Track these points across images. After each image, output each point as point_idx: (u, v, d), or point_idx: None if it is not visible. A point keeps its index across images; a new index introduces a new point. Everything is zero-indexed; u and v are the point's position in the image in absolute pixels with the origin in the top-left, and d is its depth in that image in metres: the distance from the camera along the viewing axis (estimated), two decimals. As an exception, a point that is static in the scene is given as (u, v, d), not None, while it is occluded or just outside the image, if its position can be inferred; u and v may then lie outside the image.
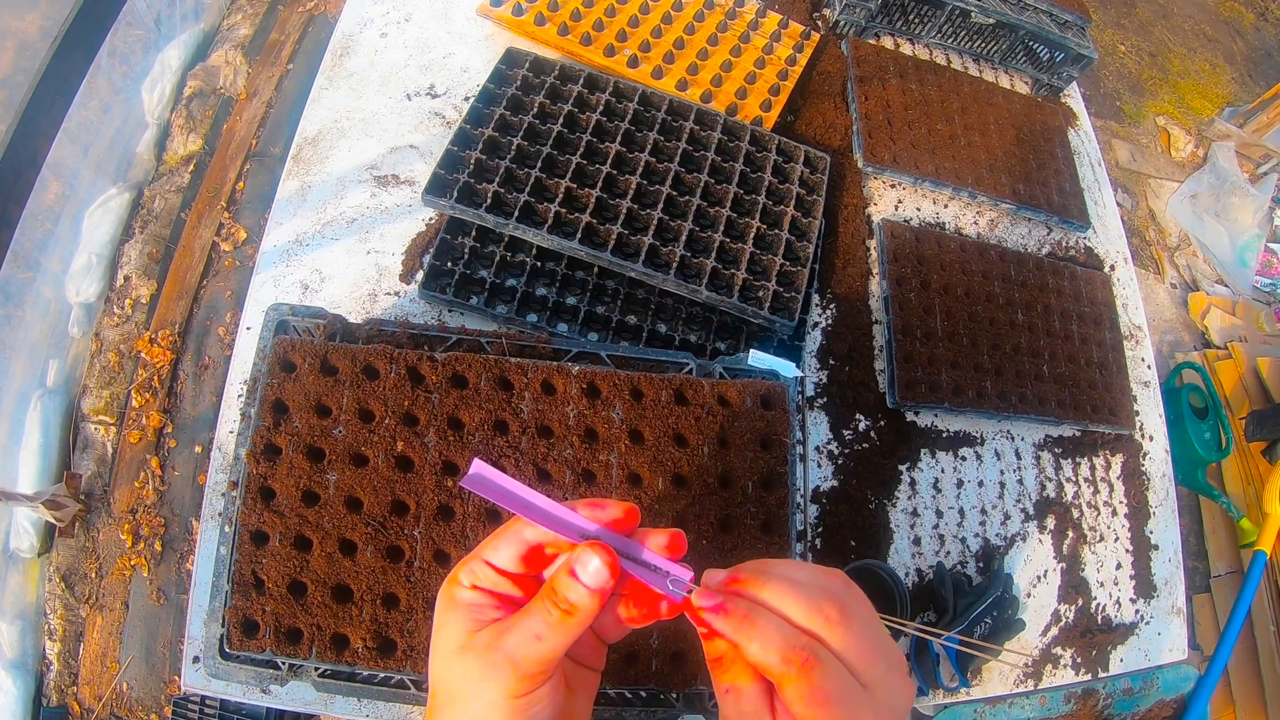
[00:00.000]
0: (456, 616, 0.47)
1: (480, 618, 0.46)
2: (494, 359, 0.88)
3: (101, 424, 2.01)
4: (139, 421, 2.01)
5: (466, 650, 0.45)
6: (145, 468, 1.98)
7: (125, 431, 2.00)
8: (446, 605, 0.47)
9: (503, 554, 0.48)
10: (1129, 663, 1.33)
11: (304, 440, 0.82)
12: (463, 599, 0.47)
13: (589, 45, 1.35)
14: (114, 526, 1.94)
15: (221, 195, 2.23)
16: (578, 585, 0.45)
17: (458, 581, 0.48)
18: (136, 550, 1.91)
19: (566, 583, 0.45)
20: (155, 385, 2.03)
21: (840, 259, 1.33)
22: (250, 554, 0.79)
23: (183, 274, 2.15)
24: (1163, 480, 1.48)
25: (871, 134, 1.41)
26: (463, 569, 0.48)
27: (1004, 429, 1.35)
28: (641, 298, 1.16)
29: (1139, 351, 1.58)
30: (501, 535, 0.48)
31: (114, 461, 1.99)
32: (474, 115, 1.20)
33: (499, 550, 0.48)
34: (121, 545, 1.92)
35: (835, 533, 1.17)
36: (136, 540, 1.92)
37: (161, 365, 2.05)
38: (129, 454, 1.99)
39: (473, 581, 0.48)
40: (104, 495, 1.96)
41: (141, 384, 2.03)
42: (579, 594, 0.45)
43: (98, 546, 1.93)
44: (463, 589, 0.47)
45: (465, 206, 1.11)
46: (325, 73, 1.35)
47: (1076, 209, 1.57)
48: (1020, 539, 1.29)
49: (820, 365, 1.26)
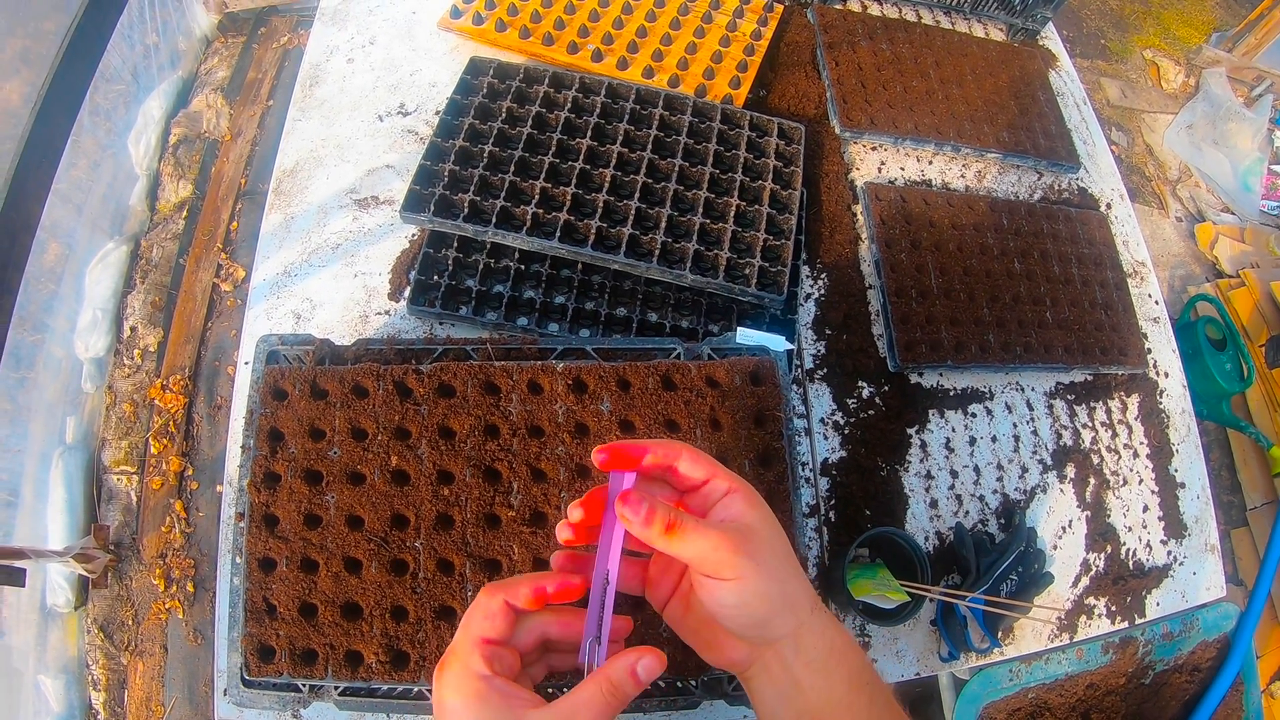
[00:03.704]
0: (482, 704, 0.49)
1: (501, 702, 0.50)
2: (479, 365, 0.88)
3: (124, 474, 2.03)
4: (159, 468, 2.02)
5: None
6: (170, 512, 2.00)
7: (147, 479, 2.02)
8: (469, 695, 0.50)
9: (494, 626, 0.52)
10: (1166, 606, 1.31)
11: (301, 465, 0.83)
12: (484, 689, 0.50)
13: (551, 45, 1.35)
14: (145, 573, 1.95)
15: (217, 237, 2.25)
16: (636, 682, 0.52)
17: (473, 670, 0.50)
18: (170, 594, 1.93)
19: (628, 681, 0.51)
20: (172, 430, 2.05)
21: (826, 228, 1.32)
22: (260, 581, 0.80)
23: (187, 318, 2.17)
24: (1183, 416, 1.46)
25: (846, 99, 1.39)
26: (474, 656, 0.51)
27: (1012, 381, 1.33)
28: (629, 289, 1.15)
29: (1145, 288, 1.56)
30: (482, 613, 0.53)
31: (139, 509, 2.00)
32: (444, 128, 1.20)
33: (489, 623, 0.52)
34: (155, 590, 1.94)
35: (848, 504, 1.15)
36: (169, 584, 1.93)
37: (175, 410, 2.07)
38: (153, 500, 2.01)
39: (490, 665, 0.51)
40: (133, 543, 1.98)
41: (158, 431, 2.05)
42: (632, 685, 0.52)
43: (132, 594, 1.95)
44: (484, 679, 0.50)
45: (443, 219, 1.11)
46: (297, 104, 1.36)
47: (1065, 150, 1.55)
48: (1040, 491, 1.28)
49: (817, 336, 1.25)
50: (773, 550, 0.55)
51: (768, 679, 0.56)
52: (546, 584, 0.55)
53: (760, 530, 0.55)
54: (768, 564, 0.54)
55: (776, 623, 0.55)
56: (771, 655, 0.56)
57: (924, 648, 1.15)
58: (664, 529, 0.52)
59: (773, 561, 0.54)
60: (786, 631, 0.55)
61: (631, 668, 0.51)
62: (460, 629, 0.53)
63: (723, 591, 0.53)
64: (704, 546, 0.52)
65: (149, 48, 2.39)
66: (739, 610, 0.54)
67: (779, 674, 0.56)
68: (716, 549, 0.52)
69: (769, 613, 0.54)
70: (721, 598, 0.53)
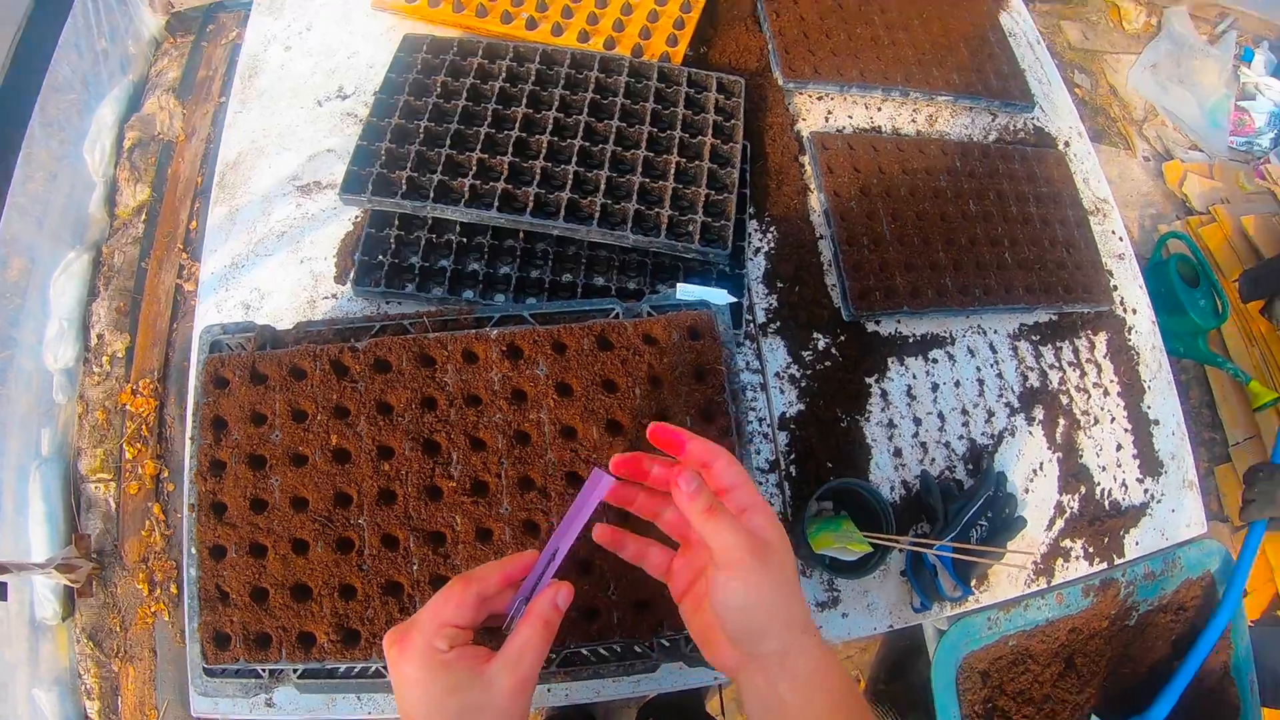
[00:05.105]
0: (447, 672, 0.55)
1: (464, 666, 0.56)
2: (413, 338, 0.87)
3: (101, 482, 2.02)
4: (135, 472, 2.02)
5: (463, 688, 0.55)
6: (149, 516, 1.99)
7: (124, 485, 2.01)
8: (435, 667, 0.55)
9: (464, 615, 0.58)
10: (1145, 545, 1.31)
11: (244, 451, 0.84)
12: (448, 658, 0.56)
13: (485, 16, 1.33)
14: (129, 578, 1.95)
15: (177, 238, 2.23)
16: (558, 611, 0.60)
17: (436, 648, 0.56)
18: (154, 597, 1.93)
19: (552, 612, 0.60)
20: (145, 434, 2.04)
21: (773, 180, 1.30)
22: (211, 569, 0.82)
23: (152, 321, 2.16)
24: (1153, 352, 1.44)
25: (788, 50, 1.37)
26: (438, 637, 0.56)
27: (973, 324, 1.31)
28: (573, 254, 1.13)
29: (1108, 225, 1.54)
30: (456, 602, 0.58)
31: (119, 515, 2.00)
32: (379, 107, 1.19)
33: (460, 612, 0.57)
34: (139, 595, 1.94)
35: (808, 458, 1.14)
36: (153, 588, 1.94)
37: (147, 414, 2.06)
38: (131, 506, 2.00)
39: (451, 644, 0.56)
40: (115, 550, 1.98)
41: (132, 436, 2.04)
42: (556, 615, 0.60)
43: (118, 600, 1.95)
44: (446, 654, 0.56)
45: (382, 197, 1.10)
46: (237, 97, 1.34)
47: (1018, 90, 1.53)
48: (1009, 434, 1.26)
49: (769, 290, 1.23)
50: (782, 567, 0.60)
51: (754, 691, 0.60)
52: (511, 571, 0.61)
53: (776, 547, 0.60)
54: (776, 577, 0.59)
55: (770, 636, 0.59)
56: (758, 669, 0.59)
57: (896, 600, 1.14)
58: (705, 509, 0.58)
59: (780, 577, 0.59)
60: (776, 648, 0.59)
61: (552, 600, 0.60)
62: (429, 609, 0.57)
63: (730, 592, 0.58)
64: (732, 540, 0.58)
65: (98, 54, 2.35)
66: (742, 614, 0.58)
67: (764, 688, 0.59)
68: (739, 546, 0.57)
69: (766, 623, 0.59)
70: (729, 599, 0.58)
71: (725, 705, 2.01)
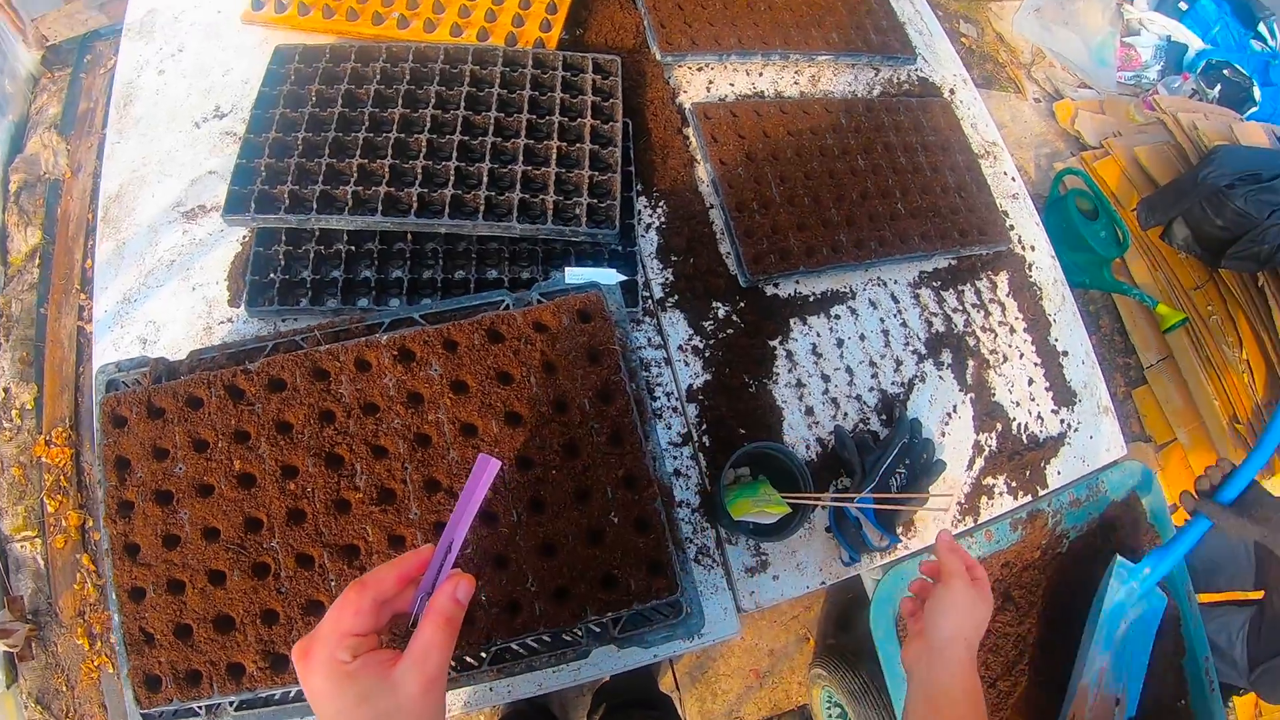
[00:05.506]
0: (353, 682, 0.55)
1: (370, 673, 0.56)
2: (305, 353, 0.86)
3: (26, 540, 1.96)
4: (60, 525, 1.95)
5: (373, 695, 0.56)
6: (79, 568, 1.93)
7: (50, 539, 1.95)
8: (341, 678, 0.55)
9: (364, 622, 0.57)
10: (1068, 474, 1.35)
11: (150, 488, 0.82)
12: (353, 668, 0.55)
13: (357, 20, 1.30)
14: (68, 635, 1.90)
15: (74, 279, 2.15)
16: (459, 604, 0.60)
17: (340, 659, 0.55)
18: (96, 651, 1.87)
19: (452, 607, 0.60)
20: (64, 485, 1.98)
21: (658, 155, 1.30)
22: (133, 612, 0.79)
23: (58, 368, 2.08)
24: (1056, 286, 1.49)
25: (664, 24, 1.37)
26: (340, 647, 0.56)
27: (873, 277, 1.33)
28: (463, 250, 1.13)
29: (999, 167, 1.58)
30: (353, 610, 0.57)
31: (49, 572, 1.94)
32: (256, 123, 1.16)
33: (359, 620, 0.57)
34: (81, 651, 1.88)
35: (720, 426, 1.15)
36: (93, 641, 1.88)
37: (64, 463, 1.99)
38: (60, 560, 1.94)
39: (354, 653, 0.56)
40: (50, 608, 1.92)
41: (51, 488, 1.97)
42: (457, 609, 0.60)
43: (60, 659, 1.89)
44: (350, 664, 0.55)
45: (266, 214, 1.08)
46: (114, 127, 1.30)
47: (898, 43, 1.55)
48: (919, 381, 1.29)
49: (663, 264, 1.23)
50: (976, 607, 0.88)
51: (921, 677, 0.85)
52: (407, 569, 0.61)
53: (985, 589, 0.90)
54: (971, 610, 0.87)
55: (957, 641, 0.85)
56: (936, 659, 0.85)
57: (825, 556, 1.15)
58: (949, 548, 0.91)
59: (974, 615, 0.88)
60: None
61: (451, 595, 0.60)
62: (329, 619, 0.57)
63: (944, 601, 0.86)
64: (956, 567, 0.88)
65: (-26, 99, 2.26)
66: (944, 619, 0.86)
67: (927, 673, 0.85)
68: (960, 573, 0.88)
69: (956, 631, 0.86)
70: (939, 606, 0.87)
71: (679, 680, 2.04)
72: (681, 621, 0.85)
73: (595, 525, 0.82)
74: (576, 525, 0.82)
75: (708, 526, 1.11)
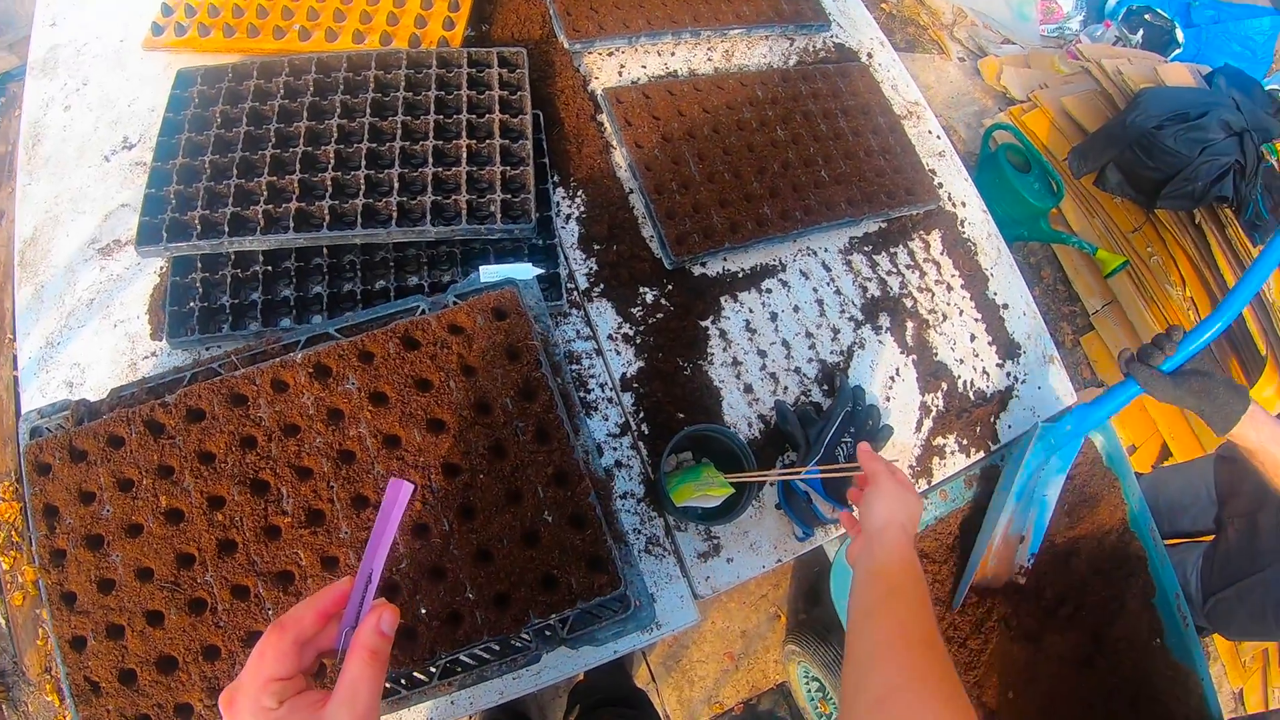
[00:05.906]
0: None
1: (299, 718, 0.54)
2: (221, 380, 0.84)
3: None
4: (16, 582, 1.91)
5: None
6: (40, 624, 1.89)
7: (8, 597, 1.91)
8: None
9: (286, 665, 0.55)
10: (1019, 426, 1.35)
11: (80, 533, 0.81)
12: (280, 715, 0.54)
13: (258, 36, 1.28)
14: (37, 692, 1.86)
15: (5, 328, 2.11)
16: (384, 637, 0.58)
17: (265, 707, 0.54)
18: (65, 706, 1.84)
19: (378, 640, 0.57)
20: (15, 540, 1.93)
21: (573, 144, 1.29)
22: (76, 662, 0.77)
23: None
24: (990, 240, 1.49)
25: (569, 11, 1.35)
26: (265, 695, 0.54)
27: (801, 247, 1.33)
28: (381, 259, 1.11)
29: (923, 126, 1.58)
30: (274, 654, 0.55)
31: (11, 630, 1.89)
32: (162, 150, 1.14)
33: (281, 664, 0.55)
34: (51, 708, 1.85)
35: (658, 413, 1.14)
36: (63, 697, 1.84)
37: (13, 518, 1.94)
38: (20, 617, 1.90)
39: (280, 698, 0.54)
40: (16, 667, 1.87)
41: (3, 545, 1.93)
42: (382, 642, 0.57)
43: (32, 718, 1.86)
44: (276, 711, 0.54)
45: (179, 242, 1.06)
46: (24, 169, 1.26)
47: (811, 11, 1.55)
48: (858, 347, 1.29)
49: (586, 254, 1.22)
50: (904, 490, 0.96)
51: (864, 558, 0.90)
52: (326, 605, 0.59)
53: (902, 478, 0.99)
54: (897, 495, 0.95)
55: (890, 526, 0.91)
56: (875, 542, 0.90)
57: (778, 534, 1.15)
58: (871, 457, 1.00)
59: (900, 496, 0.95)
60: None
61: (375, 627, 0.57)
62: (250, 667, 0.55)
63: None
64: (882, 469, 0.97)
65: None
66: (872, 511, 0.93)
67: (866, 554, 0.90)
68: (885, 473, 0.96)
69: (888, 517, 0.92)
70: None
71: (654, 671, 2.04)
72: (631, 615, 0.84)
73: (529, 526, 0.81)
74: (510, 528, 0.81)
75: (656, 516, 1.10)
